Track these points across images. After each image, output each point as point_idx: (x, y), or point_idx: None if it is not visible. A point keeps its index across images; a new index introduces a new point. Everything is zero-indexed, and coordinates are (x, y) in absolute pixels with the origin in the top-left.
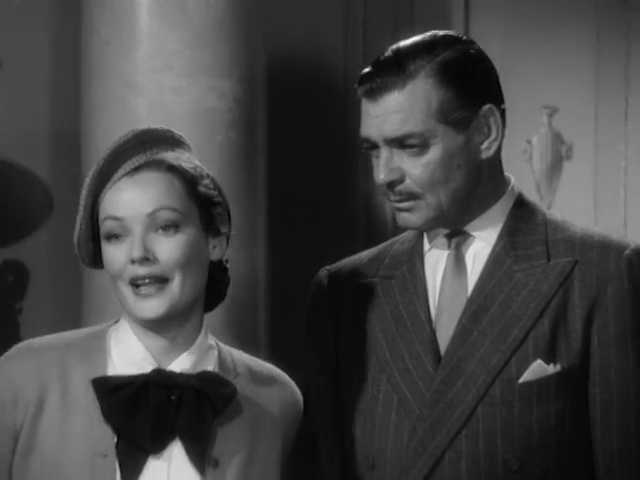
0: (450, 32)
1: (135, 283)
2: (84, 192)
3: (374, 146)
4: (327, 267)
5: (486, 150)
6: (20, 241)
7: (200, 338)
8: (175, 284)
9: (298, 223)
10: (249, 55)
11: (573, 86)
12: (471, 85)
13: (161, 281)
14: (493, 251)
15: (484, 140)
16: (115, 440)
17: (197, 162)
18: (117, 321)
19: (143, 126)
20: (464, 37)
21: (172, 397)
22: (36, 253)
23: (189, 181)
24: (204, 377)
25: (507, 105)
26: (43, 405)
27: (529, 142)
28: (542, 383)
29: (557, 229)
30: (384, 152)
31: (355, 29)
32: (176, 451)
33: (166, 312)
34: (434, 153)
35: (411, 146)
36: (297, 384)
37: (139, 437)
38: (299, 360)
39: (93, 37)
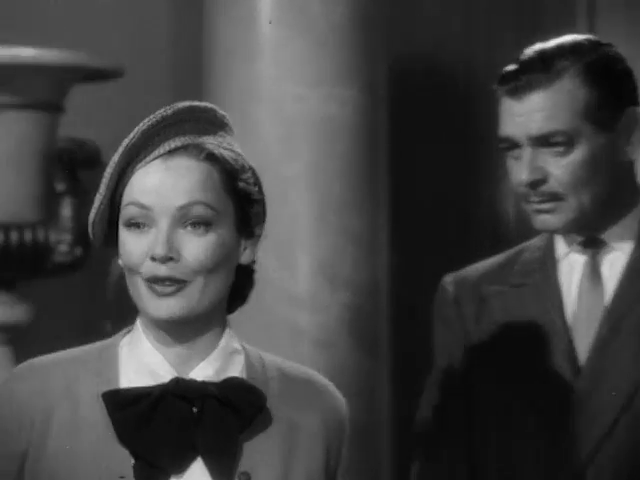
0: (589, 36)
1: (152, 285)
2: (109, 169)
3: (514, 146)
4: (451, 274)
5: (629, 153)
6: None
7: (223, 341)
8: (196, 287)
9: (421, 231)
10: (371, 62)
11: None
12: (615, 86)
13: (181, 282)
14: (631, 260)
15: (627, 143)
16: (132, 460)
17: (238, 149)
18: (130, 331)
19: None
20: (603, 41)
21: (194, 409)
22: None
23: (229, 173)
24: (228, 384)
25: None
26: (49, 426)
27: None
28: None
29: None
30: (527, 151)
31: (477, 33)
32: (200, 470)
33: (184, 314)
34: (579, 153)
35: (556, 144)
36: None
37: (157, 456)
38: (421, 369)
39: (215, 46)
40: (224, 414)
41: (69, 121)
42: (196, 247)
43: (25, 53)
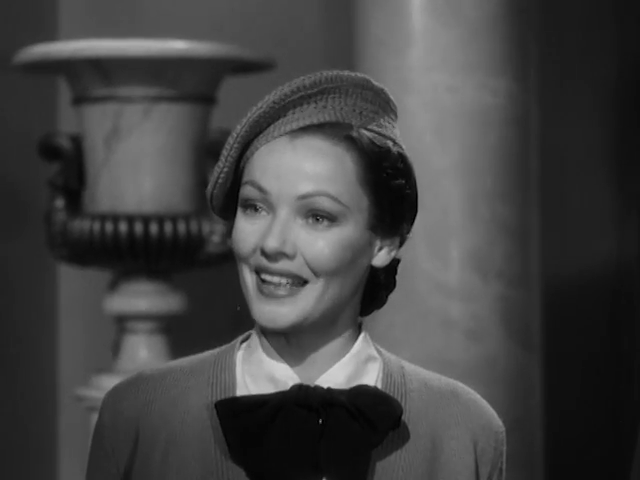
0: None
1: (261, 276)
2: (231, 139)
3: None
4: None
5: None
6: None
7: (356, 347)
8: (313, 290)
9: (571, 221)
10: (523, 51)
11: None
12: None
13: (296, 283)
14: None
15: None
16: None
17: (393, 132)
18: (250, 335)
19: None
20: None
21: (319, 420)
22: None
23: (368, 162)
24: (359, 392)
25: None
26: (157, 440)
27: None
28: None
29: None
30: None
31: (629, 18)
32: None
33: (294, 324)
34: None
35: None
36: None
37: (275, 474)
38: (575, 359)
39: (367, 37)
40: (353, 427)
41: (221, 113)
42: (316, 244)
43: (177, 46)
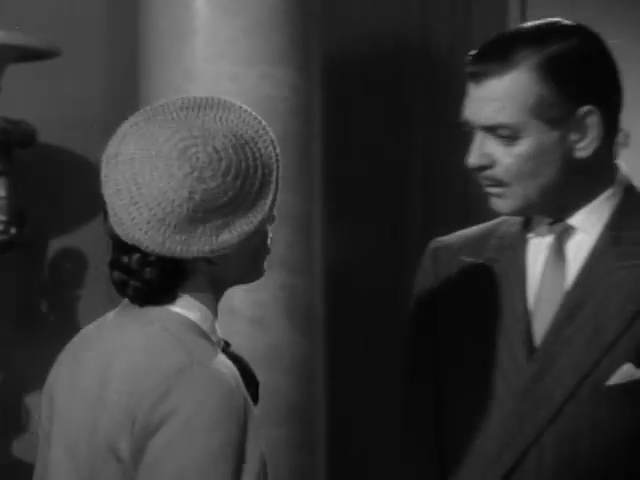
0: (569, 22)
1: None
2: None
3: (472, 129)
4: (438, 238)
5: (582, 150)
6: (79, 229)
7: None
8: None
9: (355, 209)
10: (306, 42)
11: None
12: (575, 83)
13: None
14: (595, 245)
15: (580, 140)
16: None
17: None
18: (186, 346)
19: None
20: (586, 29)
21: None
22: (94, 242)
23: None
24: None
25: None
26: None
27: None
28: (629, 387)
29: None
30: (478, 137)
31: (412, 16)
32: None
33: None
34: (525, 146)
35: (502, 136)
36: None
37: None
38: (356, 346)
39: (150, 26)
40: None
41: (4, 101)
42: None
43: None
